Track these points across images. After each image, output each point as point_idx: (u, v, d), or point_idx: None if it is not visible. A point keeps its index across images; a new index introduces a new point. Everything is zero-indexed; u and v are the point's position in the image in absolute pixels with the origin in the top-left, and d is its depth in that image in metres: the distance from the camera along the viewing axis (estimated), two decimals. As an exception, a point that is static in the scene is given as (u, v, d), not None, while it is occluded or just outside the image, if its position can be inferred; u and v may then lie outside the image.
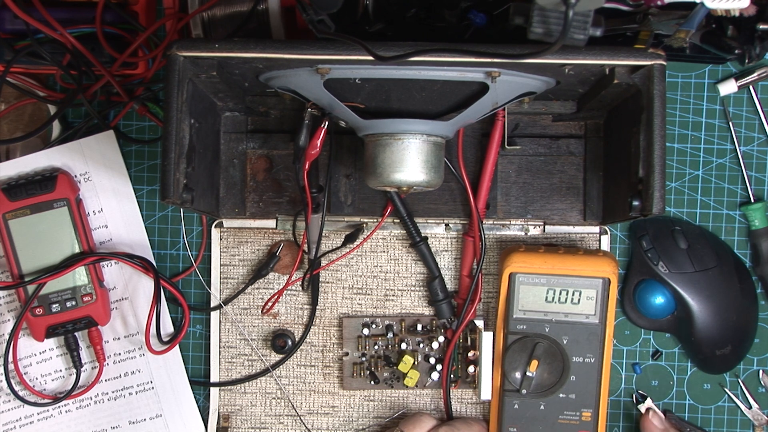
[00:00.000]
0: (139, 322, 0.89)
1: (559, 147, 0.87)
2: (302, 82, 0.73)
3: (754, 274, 0.87)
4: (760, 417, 0.87)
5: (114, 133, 0.89)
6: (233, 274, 0.89)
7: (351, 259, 0.88)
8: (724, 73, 0.87)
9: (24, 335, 0.88)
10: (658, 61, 0.69)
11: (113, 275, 0.89)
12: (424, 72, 0.70)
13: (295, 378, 0.89)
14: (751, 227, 0.87)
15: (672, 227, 0.85)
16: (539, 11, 0.66)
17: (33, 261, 0.85)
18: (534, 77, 0.73)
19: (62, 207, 0.86)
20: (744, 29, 0.76)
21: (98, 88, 0.86)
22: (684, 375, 0.88)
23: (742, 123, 0.87)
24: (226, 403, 0.89)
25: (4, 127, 0.89)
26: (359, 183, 0.87)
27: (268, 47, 0.69)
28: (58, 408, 0.89)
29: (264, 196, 0.88)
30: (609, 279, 0.81)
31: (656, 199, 0.69)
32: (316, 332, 0.89)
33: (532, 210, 0.87)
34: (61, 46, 0.83)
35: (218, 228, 0.88)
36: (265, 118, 0.87)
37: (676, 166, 0.88)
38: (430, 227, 0.87)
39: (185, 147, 0.72)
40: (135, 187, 0.89)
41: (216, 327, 0.89)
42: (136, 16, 0.85)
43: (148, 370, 0.89)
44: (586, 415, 0.83)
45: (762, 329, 0.88)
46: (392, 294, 0.88)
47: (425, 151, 0.74)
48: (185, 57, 0.70)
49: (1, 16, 0.84)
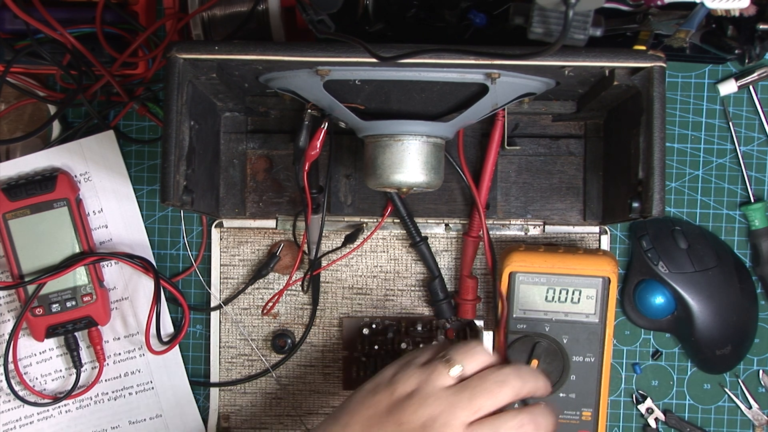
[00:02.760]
0: (139, 322, 0.89)
1: (559, 147, 0.87)
2: (302, 83, 0.73)
3: (754, 274, 0.87)
4: (760, 417, 0.88)
5: (114, 133, 0.89)
6: (233, 274, 0.89)
7: (351, 259, 0.88)
8: (724, 73, 0.87)
9: (24, 335, 0.88)
10: (658, 63, 0.69)
11: (113, 275, 0.89)
12: (423, 73, 0.70)
13: (295, 378, 0.89)
14: (751, 227, 0.87)
15: (672, 227, 0.85)
16: (539, 11, 0.66)
17: (33, 261, 0.85)
18: (534, 78, 0.73)
19: (62, 207, 0.86)
20: (744, 29, 0.76)
21: (98, 88, 0.86)
22: (684, 375, 0.88)
23: (742, 123, 0.87)
24: (226, 403, 0.89)
25: (4, 127, 0.89)
26: (359, 183, 0.87)
27: (268, 49, 0.69)
28: (58, 408, 0.89)
29: (264, 196, 0.88)
30: (609, 278, 0.81)
31: (656, 201, 0.69)
32: (317, 332, 0.89)
33: (532, 210, 0.87)
34: (61, 46, 0.83)
35: (218, 228, 0.88)
36: (265, 118, 0.87)
37: (676, 166, 0.88)
38: (430, 227, 0.87)
39: (185, 149, 0.72)
40: (135, 187, 0.89)
41: (216, 327, 0.89)
42: (136, 16, 0.85)
43: (148, 370, 0.89)
44: (586, 414, 0.83)
45: (762, 329, 0.88)
46: (392, 294, 0.88)
47: (425, 152, 0.74)
48: (185, 59, 0.70)
49: (1, 16, 0.84)
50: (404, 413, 0.64)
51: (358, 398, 0.68)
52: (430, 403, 0.64)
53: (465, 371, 0.67)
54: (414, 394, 0.65)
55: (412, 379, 0.66)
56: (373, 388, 0.68)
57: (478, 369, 0.67)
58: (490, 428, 0.64)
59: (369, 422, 0.65)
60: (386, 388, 0.66)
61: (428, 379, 0.65)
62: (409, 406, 0.64)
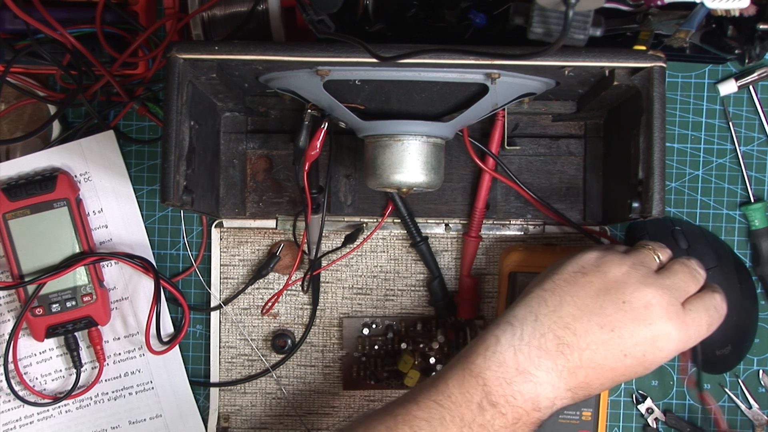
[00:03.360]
0: (139, 322, 0.89)
1: (559, 147, 0.86)
2: (302, 83, 0.73)
3: (754, 274, 0.87)
4: (760, 417, 0.88)
5: (114, 133, 0.89)
6: (233, 274, 0.89)
7: (351, 259, 0.88)
8: (724, 73, 0.87)
9: (24, 335, 0.88)
10: (658, 63, 0.69)
11: (113, 275, 0.89)
12: (423, 73, 0.70)
13: (295, 378, 0.89)
14: (751, 227, 0.87)
15: (672, 227, 0.85)
16: (539, 11, 0.66)
17: (33, 261, 0.85)
18: (534, 78, 0.73)
19: (62, 207, 0.86)
20: (744, 29, 0.76)
21: (98, 88, 0.86)
22: (684, 375, 0.88)
23: (742, 123, 0.87)
24: (226, 403, 0.89)
25: (4, 127, 0.89)
26: (359, 183, 0.87)
27: (268, 49, 0.69)
28: (58, 408, 0.89)
29: (264, 196, 0.88)
30: (609, 279, 0.81)
31: (656, 201, 0.69)
32: (317, 332, 0.89)
33: (532, 210, 0.87)
34: (61, 46, 0.83)
35: (218, 228, 0.88)
36: (265, 118, 0.87)
37: (676, 166, 0.87)
38: (430, 227, 0.87)
39: (185, 149, 0.72)
40: (135, 187, 0.89)
41: (216, 327, 0.89)
42: (136, 16, 0.85)
43: (148, 370, 0.89)
44: (586, 414, 0.83)
45: (762, 329, 0.88)
46: (392, 294, 0.88)
47: (425, 152, 0.74)
48: (185, 59, 0.70)
49: (1, 16, 0.84)
50: (624, 293, 0.67)
51: (565, 277, 0.69)
52: (648, 284, 0.67)
53: (662, 260, 0.71)
54: (628, 276, 0.68)
55: (623, 263, 0.68)
56: (580, 270, 0.69)
57: (667, 259, 0.72)
58: (701, 304, 0.69)
59: (584, 302, 0.67)
60: (596, 269, 0.68)
61: (640, 263, 0.69)
62: (628, 286, 0.67)
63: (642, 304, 0.66)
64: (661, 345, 0.66)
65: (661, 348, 0.66)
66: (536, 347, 0.66)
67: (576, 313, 0.66)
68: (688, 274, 0.70)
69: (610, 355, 0.66)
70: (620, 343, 0.66)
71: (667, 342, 0.66)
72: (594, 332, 0.66)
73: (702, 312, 0.68)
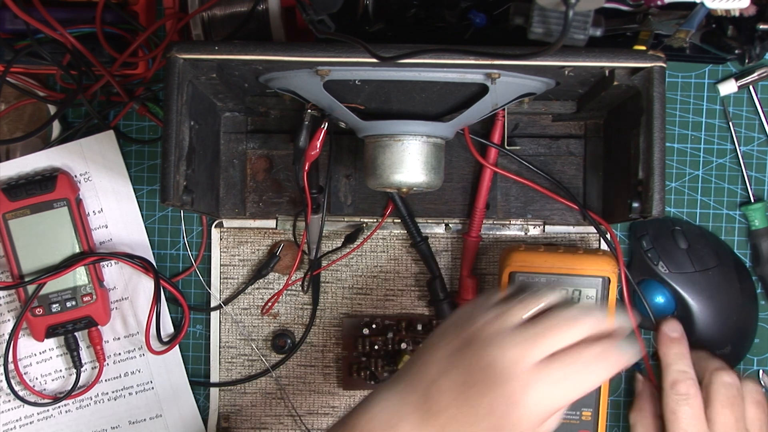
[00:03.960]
0: (139, 322, 0.89)
1: (558, 147, 0.87)
2: (302, 83, 0.73)
3: (754, 274, 0.87)
4: (760, 417, 0.87)
5: (114, 133, 0.89)
6: (233, 274, 0.89)
7: (351, 259, 0.88)
8: (724, 73, 0.87)
9: (24, 335, 0.88)
10: (658, 63, 0.69)
11: (113, 275, 0.89)
12: (423, 73, 0.70)
13: (295, 378, 0.89)
14: (751, 227, 0.87)
15: (672, 227, 0.85)
16: (539, 11, 0.66)
17: (33, 261, 0.85)
18: (534, 78, 0.73)
19: (62, 207, 0.86)
20: (744, 29, 0.76)
21: (98, 88, 0.86)
22: (684, 375, 0.88)
23: (742, 123, 0.87)
24: (226, 403, 0.89)
25: (4, 127, 0.89)
26: (359, 183, 0.87)
27: (268, 49, 0.69)
28: (58, 408, 0.89)
29: (264, 196, 0.88)
30: (609, 278, 0.81)
31: (656, 201, 0.69)
32: (316, 332, 0.89)
33: (532, 210, 0.87)
34: (61, 46, 0.83)
35: (218, 228, 0.88)
36: (265, 118, 0.87)
37: (676, 166, 0.88)
38: (430, 227, 0.87)
39: (185, 149, 0.72)
40: (135, 187, 0.89)
41: (216, 327, 0.89)
42: (136, 16, 0.85)
43: (148, 370, 0.89)
44: (586, 414, 0.83)
45: (762, 329, 0.88)
46: (392, 294, 0.88)
47: (425, 152, 0.74)
48: (185, 59, 0.70)
49: (1, 16, 0.84)
50: (482, 349, 0.63)
51: (442, 329, 0.67)
52: (498, 341, 0.62)
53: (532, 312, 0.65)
54: (483, 331, 0.64)
55: (486, 315, 0.65)
56: (453, 322, 0.67)
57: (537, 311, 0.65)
58: (560, 365, 0.62)
59: (452, 357, 0.64)
60: (466, 321, 0.65)
61: (500, 316, 0.64)
62: (487, 342, 0.63)
63: (486, 363, 0.62)
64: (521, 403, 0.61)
65: (523, 405, 0.61)
66: (408, 403, 0.64)
67: (443, 368, 0.64)
68: (553, 328, 0.63)
69: (473, 412, 0.62)
70: (479, 400, 0.62)
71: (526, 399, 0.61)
72: (456, 389, 0.63)
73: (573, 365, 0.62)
